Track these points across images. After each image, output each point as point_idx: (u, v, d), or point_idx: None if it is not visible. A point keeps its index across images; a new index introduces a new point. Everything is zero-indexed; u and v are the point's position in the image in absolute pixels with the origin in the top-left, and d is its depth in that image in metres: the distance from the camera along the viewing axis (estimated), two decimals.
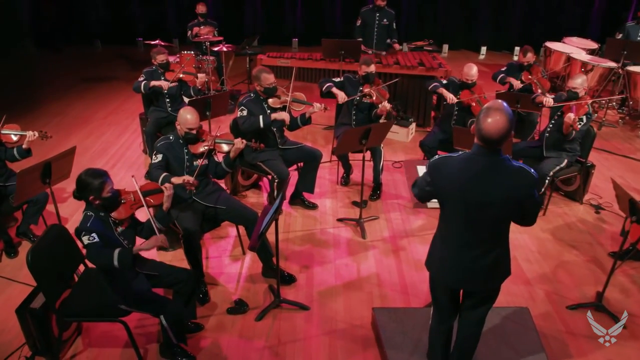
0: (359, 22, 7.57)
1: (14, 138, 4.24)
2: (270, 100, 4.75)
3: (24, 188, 3.62)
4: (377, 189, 5.29)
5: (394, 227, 4.80)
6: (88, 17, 11.22)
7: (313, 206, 5.12)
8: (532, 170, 2.37)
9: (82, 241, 2.84)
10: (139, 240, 3.16)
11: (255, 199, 5.25)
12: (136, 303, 3.03)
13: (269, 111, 4.75)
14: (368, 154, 4.95)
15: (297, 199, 5.16)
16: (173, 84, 5.73)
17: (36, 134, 4.17)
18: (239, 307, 3.73)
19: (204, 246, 4.50)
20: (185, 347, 3.23)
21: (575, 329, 3.58)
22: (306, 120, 4.83)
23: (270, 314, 3.68)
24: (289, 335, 3.50)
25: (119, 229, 3.06)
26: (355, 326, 3.59)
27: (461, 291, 2.77)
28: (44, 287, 2.94)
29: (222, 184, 5.05)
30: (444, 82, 5.53)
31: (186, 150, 3.88)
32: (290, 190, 5.15)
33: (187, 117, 3.78)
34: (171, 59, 5.97)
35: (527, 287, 4.00)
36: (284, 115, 4.63)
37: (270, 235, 3.73)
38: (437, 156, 2.56)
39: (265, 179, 5.36)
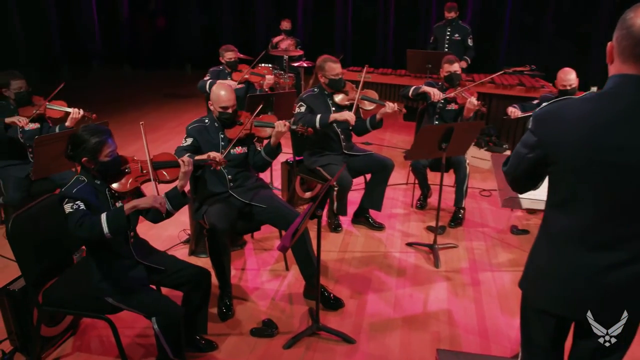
0: (432, 39, 6.87)
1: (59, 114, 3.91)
2: (336, 97, 4.09)
3: (43, 159, 3.17)
4: (458, 214, 4.37)
5: (475, 258, 3.84)
6: (181, 43, 11.49)
7: (379, 227, 4.30)
8: None
9: (63, 210, 2.25)
10: (145, 226, 2.54)
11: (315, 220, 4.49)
12: (128, 298, 2.38)
13: (333, 108, 4.09)
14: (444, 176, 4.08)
15: (362, 217, 4.37)
16: (239, 85, 5.28)
17: (81, 111, 3.82)
18: (265, 328, 2.96)
19: (243, 257, 3.82)
20: None
21: None
22: (377, 124, 4.09)
23: (303, 343, 2.87)
24: None
25: (119, 204, 2.45)
26: None
27: (572, 326, 1.81)
28: (22, 262, 2.37)
29: (273, 188, 4.46)
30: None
31: (222, 135, 3.28)
32: (353, 206, 4.38)
33: (220, 93, 3.19)
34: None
35: None
36: (346, 115, 3.91)
37: (327, 256, 2.95)
38: (544, 104, 1.70)
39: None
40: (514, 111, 4.37)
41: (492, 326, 3.05)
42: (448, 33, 6.66)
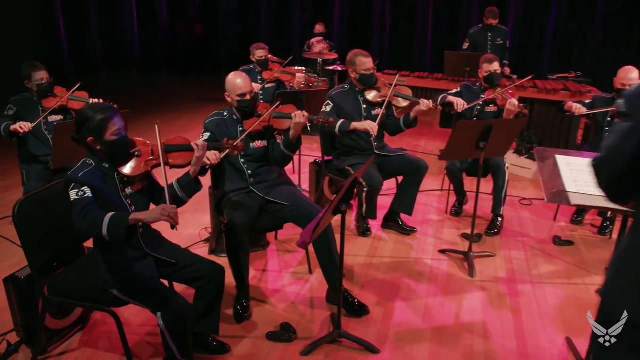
0: (466, 45, 6.56)
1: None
2: (367, 94, 3.89)
3: (62, 147, 3.07)
4: (496, 222, 4.07)
5: (514, 268, 3.54)
6: (218, 49, 11.55)
7: (411, 230, 4.05)
8: None
9: (69, 197, 2.11)
10: (165, 223, 2.38)
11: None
12: (133, 291, 2.22)
13: (364, 106, 3.89)
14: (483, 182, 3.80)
15: (392, 222, 4.12)
16: (269, 84, 5.15)
17: (101, 101, 3.73)
18: (283, 333, 2.75)
19: (265, 258, 3.64)
20: None
21: None
22: (411, 123, 3.87)
23: (322, 350, 2.65)
24: None
25: (128, 189, 2.30)
26: None
27: None
28: (28, 248, 2.25)
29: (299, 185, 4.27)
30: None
31: (241, 129, 3.10)
32: (384, 211, 4.15)
33: (235, 81, 3.01)
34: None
35: None
36: (367, 125, 3.65)
37: (354, 260, 2.74)
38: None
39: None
40: (579, 107, 3.95)
41: (532, 343, 2.76)
42: (490, 37, 6.37)
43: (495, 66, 4.06)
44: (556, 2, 8.94)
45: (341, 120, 3.72)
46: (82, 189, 2.09)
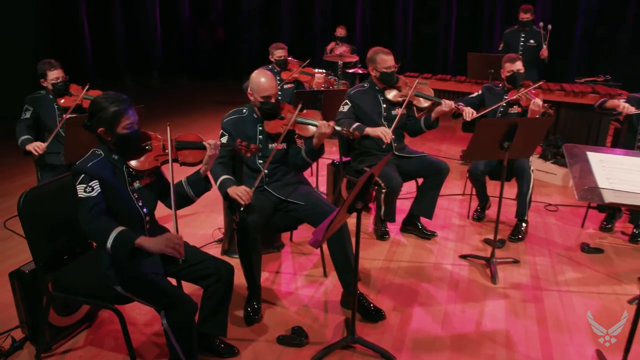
0: (501, 46, 6.37)
1: None
2: (387, 93, 3.77)
3: (74, 141, 3.03)
4: (520, 227, 3.90)
5: (539, 275, 3.37)
6: (240, 54, 11.55)
7: (431, 235, 3.90)
8: None
9: (76, 190, 2.04)
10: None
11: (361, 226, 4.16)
12: (137, 288, 2.13)
13: (384, 105, 3.77)
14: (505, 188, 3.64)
15: (411, 225, 3.98)
16: (288, 85, 5.07)
17: None
18: (294, 337, 2.64)
19: (279, 260, 3.54)
20: None
21: None
22: (432, 124, 3.74)
23: (334, 355, 2.53)
24: None
25: (136, 183, 2.23)
26: None
27: None
28: (32, 241, 2.19)
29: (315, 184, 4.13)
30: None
31: (260, 129, 3.00)
32: (403, 215, 4.02)
33: (260, 80, 2.89)
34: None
35: None
36: (379, 132, 3.51)
37: (372, 264, 2.61)
38: None
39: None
40: (626, 106, 3.63)
41: (559, 354, 2.59)
42: (522, 39, 6.17)
43: (518, 65, 3.90)
44: (584, 7, 8.71)
45: (356, 124, 3.60)
46: (90, 184, 2.02)
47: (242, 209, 2.70)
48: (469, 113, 3.74)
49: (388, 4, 10.12)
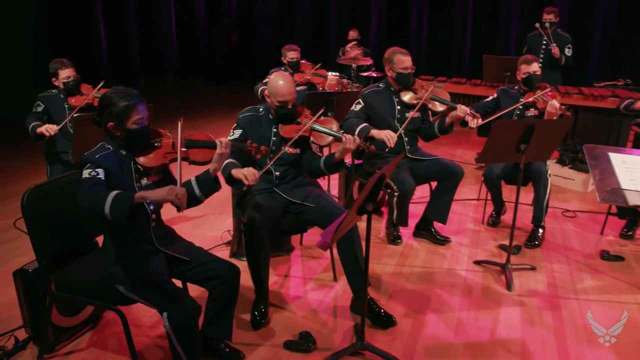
0: (525, 50, 6.24)
1: None
2: (403, 95, 3.69)
3: (83, 140, 3.00)
4: (536, 233, 3.78)
5: (556, 283, 3.26)
6: (255, 58, 11.56)
7: (444, 240, 3.80)
8: None
9: (82, 176, 2.00)
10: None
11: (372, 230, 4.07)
12: (139, 288, 2.08)
13: (398, 107, 3.69)
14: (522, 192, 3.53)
15: (425, 230, 3.89)
16: (300, 87, 5.02)
17: None
18: (302, 342, 2.56)
19: (288, 263, 3.47)
20: None
21: None
22: (446, 129, 3.64)
23: None
24: None
25: (144, 180, 2.18)
26: None
27: None
28: (35, 239, 2.15)
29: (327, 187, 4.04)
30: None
31: (275, 130, 2.94)
32: (415, 217, 3.93)
33: (278, 83, 2.81)
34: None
35: None
36: (383, 135, 3.38)
37: (383, 269, 2.53)
38: None
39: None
40: None
41: None
42: (544, 42, 6.04)
43: (534, 67, 3.79)
44: (603, 10, 8.55)
45: (362, 125, 3.51)
46: (97, 169, 1.98)
47: (244, 188, 2.61)
48: (473, 122, 3.63)
49: (403, 7, 10.05)
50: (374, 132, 3.47)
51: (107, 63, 10.02)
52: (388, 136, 3.39)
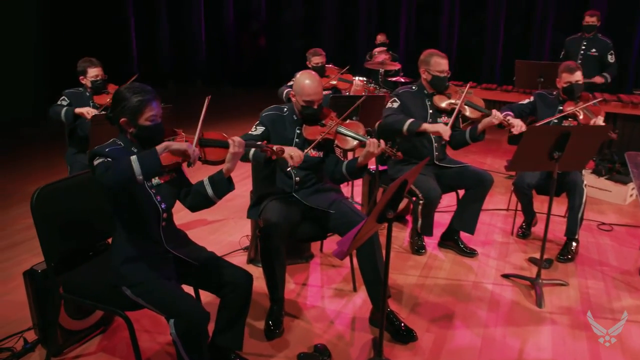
0: (562, 54, 5.98)
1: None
2: (436, 99, 3.54)
3: (101, 139, 2.93)
4: (570, 246, 3.58)
5: (591, 300, 3.05)
6: (282, 63, 11.55)
7: (471, 252, 3.63)
8: None
9: (92, 167, 1.94)
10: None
11: (396, 239, 3.86)
12: (145, 291, 1.99)
13: (430, 111, 3.54)
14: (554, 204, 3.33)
15: (450, 241, 3.72)
16: (325, 91, 4.91)
17: None
18: (317, 355, 2.44)
19: (307, 271, 3.36)
20: None
21: None
22: (478, 136, 3.47)
23: None
24: None
25: (155, 180, 2.11)
26: None
27: None
28: (44, 239, 2.09)
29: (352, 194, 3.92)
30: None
31: (298, 132, 2.85)
32: (440, 227, 3.77)
33: (304, 82, 2.72)
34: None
35: None
36: (439, 128, 3.31)
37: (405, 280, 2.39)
38: None
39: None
40: None
41: None
42: (583, 47, 5.77)
43: (577, 76, 3.58)
44: None
45: (411, 119, 3.37)
46: (107, 159, 1.90)
47: (288, 169, 2.65)
48: (518, 126, 3.36)
49: (434, 11, 9.88)
50: (427, 126, 3.34)
51: (137, 69, 10.15)
52: (443, 129, 3.28)
